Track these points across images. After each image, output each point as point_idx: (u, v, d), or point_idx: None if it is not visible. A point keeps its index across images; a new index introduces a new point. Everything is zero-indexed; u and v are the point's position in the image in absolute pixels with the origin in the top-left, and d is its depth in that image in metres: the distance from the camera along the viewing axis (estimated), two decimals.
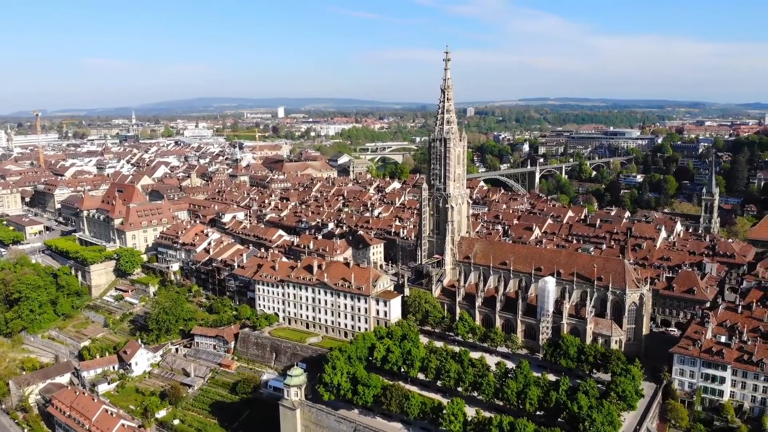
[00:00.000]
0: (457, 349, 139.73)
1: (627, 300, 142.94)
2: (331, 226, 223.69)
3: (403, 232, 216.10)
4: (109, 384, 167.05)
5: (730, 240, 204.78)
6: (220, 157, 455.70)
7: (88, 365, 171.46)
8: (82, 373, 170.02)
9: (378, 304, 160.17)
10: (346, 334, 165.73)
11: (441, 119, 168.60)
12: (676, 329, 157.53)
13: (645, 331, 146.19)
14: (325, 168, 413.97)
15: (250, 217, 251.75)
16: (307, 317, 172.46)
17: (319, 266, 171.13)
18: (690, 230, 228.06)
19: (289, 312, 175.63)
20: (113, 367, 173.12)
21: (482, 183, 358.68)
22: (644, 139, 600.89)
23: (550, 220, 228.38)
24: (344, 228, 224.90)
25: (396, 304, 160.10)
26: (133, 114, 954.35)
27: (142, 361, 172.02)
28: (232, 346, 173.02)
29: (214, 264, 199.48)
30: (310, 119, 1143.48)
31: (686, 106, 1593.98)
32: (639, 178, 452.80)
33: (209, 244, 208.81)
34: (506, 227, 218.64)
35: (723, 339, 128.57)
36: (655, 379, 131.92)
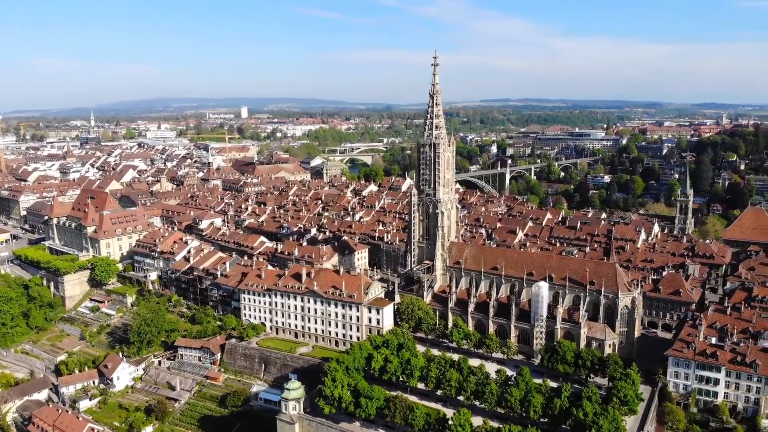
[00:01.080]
0: (455, 357, 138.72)
1: (620, 304, 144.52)
2: (313, 231, 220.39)
3: (387, 237, 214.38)
4: (90, 400, 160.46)
5: (707, 241, 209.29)
6: (188, 160, 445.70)
7: (67, 381, 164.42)
8: (61, 389, 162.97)
9: (370, 312, 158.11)
10: (337, 343, 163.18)
11: (430, 124, 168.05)
12: (658, 331, 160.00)
13: (636, 334, 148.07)
14: (298, 171, 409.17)
15: (227, 223, 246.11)
16: (296, 327, 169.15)
17: (308, 274, 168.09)
18: (665, 231, 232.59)
19: (276, 321, 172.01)
20: (93, 382, 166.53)
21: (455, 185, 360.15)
22: (609, 140, 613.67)
23: (530, 223, 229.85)
24: (327, 233, 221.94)
25: (389, 311, 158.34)
26: (92, 115, 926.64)
27: (124, 375, 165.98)
28: (219, 357, 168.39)
29: (195, 273, 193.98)
30: (275, 120, 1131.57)
31: (643, 107, 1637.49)
32: (606, 178, 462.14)
33: (189, 252, 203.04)
34: (489, 231, 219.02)
35: (714, 341, 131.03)
36: (650, 381, 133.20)
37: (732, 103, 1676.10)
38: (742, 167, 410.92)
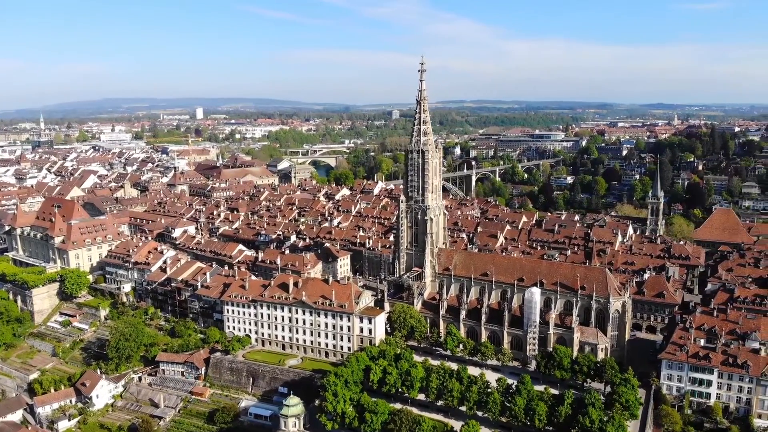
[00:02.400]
0: (451, 365, 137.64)
1: (611, 308, 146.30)
2: (293, 238, 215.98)
3: (368, 243, 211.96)
4: (69, 420, 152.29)
5: (681, 242, 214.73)
6: (149, 164, 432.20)
7: (43, 400, 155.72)
8: (37, 410, 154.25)
9: (362, 321, 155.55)
10: (326, 354, 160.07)
11: (417, 130, 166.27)
12: (643, 332, 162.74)
13: (626, 337, 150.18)
14: (266, 174, 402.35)
15: (200, 230, 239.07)
16: (284, 338, 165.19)
17: (295, 284, 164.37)
18: (638, 232, 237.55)
19: (262, 333, 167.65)
20: (71, 401, 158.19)
21: None
22: (569, 141, 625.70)
23: (508, 226, 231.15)
24: (307, 240, 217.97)
25: (381, 321, 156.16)
26: (41, 117, 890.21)
27: (104, 393, 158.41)
28: (203, 372, 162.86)
29: (173, 284, 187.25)
30: (233, 121, 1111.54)
31: (595, 107, 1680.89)
32: (569, 179, 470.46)
33: (165, 262, 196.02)
34: (470, 235, 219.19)
35: (702, 342, 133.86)
36: (643, 384, 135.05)
37: (679, 104, 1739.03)
38: (700, 167, 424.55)
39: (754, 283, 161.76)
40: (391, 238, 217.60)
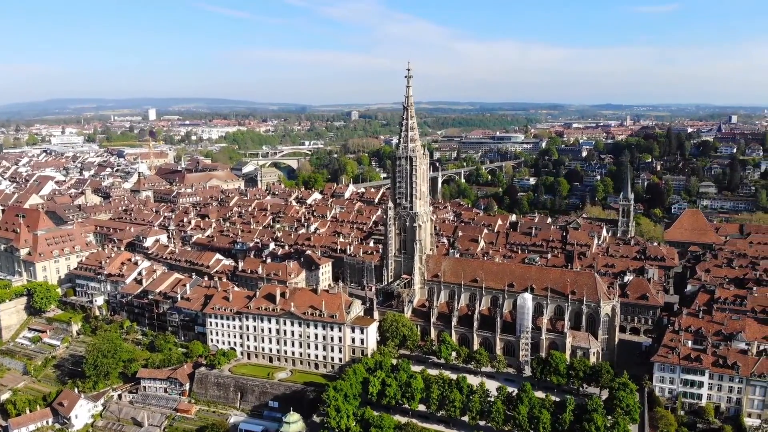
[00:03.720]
0: (444, 374, 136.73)
1: (601, 312, 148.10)
2: (272, 246, 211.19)
3: (349, 249, 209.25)
4: None
5: (654, 243, 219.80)
6: (108, 169, 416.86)
7: (19, 422, 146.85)
8: None
9: (353, 331, 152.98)
10: (316, 366, 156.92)
11: (405, 137, 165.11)
12: (626, 334, 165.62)
13: (616, 340, 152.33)
14: (231, 178, 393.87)
15: (173, 239, 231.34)
16: (271, 350, 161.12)
17: (282, 294, 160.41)
18: (610, 234, 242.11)
19: (248, 346, 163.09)
20: (47, 422, 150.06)
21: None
22: (529, 143, 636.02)
23: (486, 230, 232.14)
24: (286, 248, 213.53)
25: (373, 330, 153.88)
26: None
27: (83, 413, 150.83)
28: (188, 388, 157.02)
29: (150, 296, 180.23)
30: (187, 122, 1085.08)
31: (546, 108, 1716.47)
32: (532, 180, 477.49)
33: (140, 273, 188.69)
34: (450, 239, 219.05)
35: (689, 344, 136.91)
36: (636, 387, 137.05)
37: (627, 104, 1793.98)
38: (658, 168, 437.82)
39: (732, 284, 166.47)
40: (372, 244, 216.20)
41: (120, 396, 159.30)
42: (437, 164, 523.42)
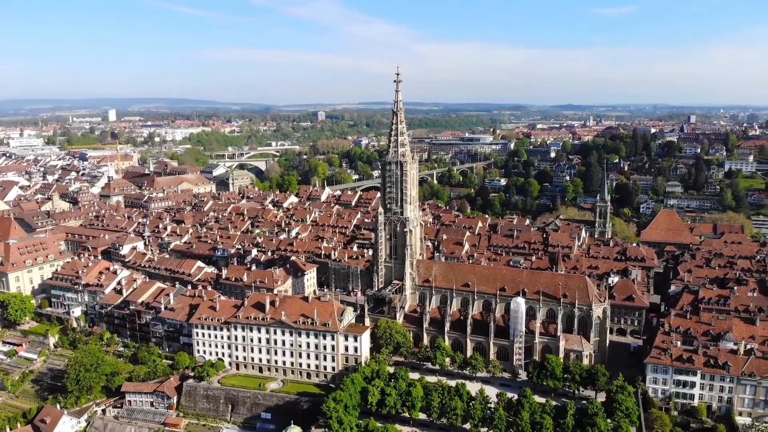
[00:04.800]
0: (444, 380, 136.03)
1: (593, 314, 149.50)
2: (254, 252, 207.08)
3: (334, 254, 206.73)
4: None
5: (632, 244, 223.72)
6: (73, 173, 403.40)
7: None
8: None
9: (347, 340, 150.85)
10: (309, 375, 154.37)
11: (395, 142, 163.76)
12: (612, 336, 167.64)
13: (607, 342, 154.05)
14: (202, 181, 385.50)
15: (150, 246, 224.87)
16: (261, 360, 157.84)
17: (272, 303, 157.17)
18: (588, 235, 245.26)
19: (237, 357, 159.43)
20: None
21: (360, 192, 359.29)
22: (497, 144, 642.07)
23: (468, 233, 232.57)
24: (268, 254, 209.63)
25: (366, 338, 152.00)
26: None
27: (66, 429, 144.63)
28: (175, 401, 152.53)
29: (132, 307, 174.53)
30: (149, 122, 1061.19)
31: (509, 109, 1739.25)
32: (503, 181, 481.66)
33: (119, 283, 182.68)
34: (434, 243, 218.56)
35: (678, 344, 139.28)
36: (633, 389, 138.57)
37: (587, 105, 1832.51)
38: (626, 168, 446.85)
39: (715, 284, 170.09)
40: (356, 248, 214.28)
41: (104, 411, 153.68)
42: None
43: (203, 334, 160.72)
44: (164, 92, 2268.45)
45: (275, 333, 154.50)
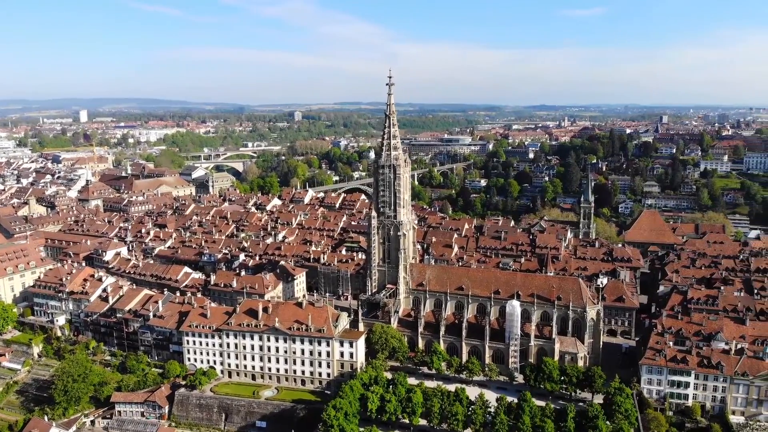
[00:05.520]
0: (440, 385, 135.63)
1: (587, 317, 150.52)
2: (242, 257, 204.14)
3: (323, 258, 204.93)
4: None
5: (620, 245, 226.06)
6: (48, 176, 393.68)
7: None
8: None
9: (342, 345, 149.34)
10: (303, 382, 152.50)
11: (387, 145, 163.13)
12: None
13: (600, 344, 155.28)
14: (181, 184, 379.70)
15: (134, 252, 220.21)
16: (254, 368, 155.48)
17: (265, 309, 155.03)
18: (573, 236, 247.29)
19: (229, 364, 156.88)
20: None
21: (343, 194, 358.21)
22: (476, 145, 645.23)
23: (455, 234, 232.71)
24: (256, 258, 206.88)
25: (361, 344, 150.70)
26: None
27: None
28: (167, 410, 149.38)
29: (119, 315, 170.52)
30: (122, 123, 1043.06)
31: (484, 109, 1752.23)
32: (483, 182, 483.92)
33: (105, 290, 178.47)
34: (423, 245, 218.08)
35: (671, 345, 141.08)
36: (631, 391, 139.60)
37: (560, 105, 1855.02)
38: (604, 168, 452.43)
39: (703, 284, 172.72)
40: (344, 252, 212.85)
41: (93, 422, 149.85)
42: None
43: (194, 342, 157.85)
44: (135, 92, 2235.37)
45: (268, 340, 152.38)
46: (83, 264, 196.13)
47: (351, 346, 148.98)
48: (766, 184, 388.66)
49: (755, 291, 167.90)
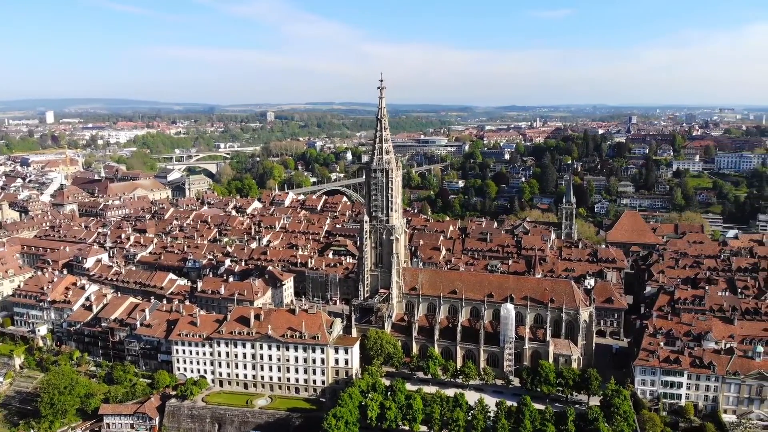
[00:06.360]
0: (435, 390, 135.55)
1: (580, 319, 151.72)
2: (228, 263, 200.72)
3: (310, 263, 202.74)
4: None
5: (603, 245, 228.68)
6: (19, 179, 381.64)
7: None
8: None
9: (337, 352, 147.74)
10: (297, 390, 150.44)
11: (379, 149, 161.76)
12: None
13: (593, 345, 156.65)
14: (157, 187, 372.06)
15: (115, 258, 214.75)
16: (246, 376, 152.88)
17: (257, 316, 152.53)
18: (555, 237, 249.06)
19: (220, 373, 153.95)
20: None
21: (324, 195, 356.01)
22: (452, 146, 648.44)
23: (441, 237, 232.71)
24: (242, 263, 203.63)
25: (356, 350, 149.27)
26: None
27: None
28: (157, 422, 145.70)
29: (104, 324, 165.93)
30: (90, 124, 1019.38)
31: (456, 110, 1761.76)
32: (460, 183, 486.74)
33: (88, 299, 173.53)
34: (410, 248, 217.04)
35: (662, 345, 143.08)
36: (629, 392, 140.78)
37: (530, 105, 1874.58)
38: (579, 169, 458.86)
39: (688, 284, 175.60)
40: (331, 255, 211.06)
41: None
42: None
43: (184, 351, 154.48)
44: (102, 92, 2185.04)
45: (261, 348, 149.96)
46: (64, 272, 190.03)
47: (346, 352, 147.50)
48: (738, 183, 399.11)
49: (738, 290, 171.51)
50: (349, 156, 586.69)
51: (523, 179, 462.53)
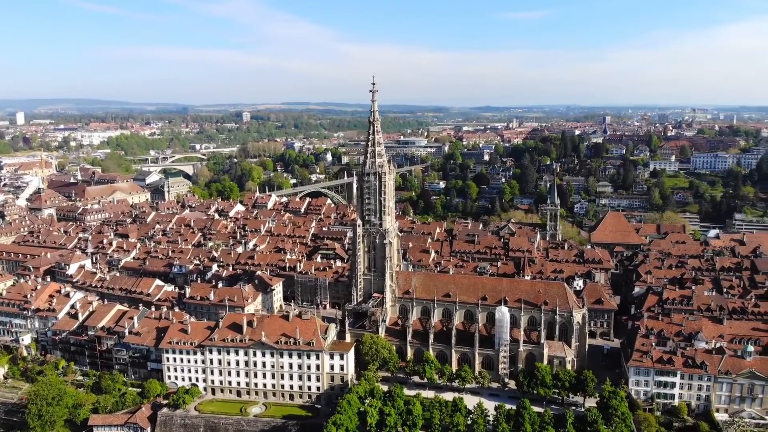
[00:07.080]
0: (439, 395, 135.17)
1: (573, 320, 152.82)
2: (215, 268, 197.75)
3: (299, 267, 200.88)
4: None
5: (588, 246, 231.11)
6: None
7: None
8: None
9: (332, 358, 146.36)
10: (292, 397, 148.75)
11: (372, 152, 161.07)
12: None
13: (586, 347, 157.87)
14: (136, 190, 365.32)
15: (98, 264, 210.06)
16: (239, 384, 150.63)
17: (249, 323, 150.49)
18: (540, 238, 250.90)
19: (212, 381, 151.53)
20: None
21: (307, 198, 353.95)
22: (432, 147, 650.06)
23: (429, 239, 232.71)
24: (230, 268, 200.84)
25: (352, 355, 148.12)
26: None
27: None
28: None
29: (91, 332, 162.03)
30: (62, 126, 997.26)
31: (431, 111, 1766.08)
32: (442, 184, 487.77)
33: (73, 307, 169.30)
34: (401, 251, 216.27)
35: (654, 345, 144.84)
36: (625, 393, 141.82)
37: (504, 106, 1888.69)
38: (558, 169, 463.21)
39: (676, 285, 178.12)
40: (319, 259, 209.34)
41: None
42: (351, 170, 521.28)
43: (174, 359, 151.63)
44: (72, 92, 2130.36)
45: (254, 354, 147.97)
46: (47, 279, 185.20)
47: (341, 358, 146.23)
48: (713, 183, 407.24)
49: (724, 290, 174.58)
50: (329, 157, 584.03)
51: (504, 180, 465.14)
